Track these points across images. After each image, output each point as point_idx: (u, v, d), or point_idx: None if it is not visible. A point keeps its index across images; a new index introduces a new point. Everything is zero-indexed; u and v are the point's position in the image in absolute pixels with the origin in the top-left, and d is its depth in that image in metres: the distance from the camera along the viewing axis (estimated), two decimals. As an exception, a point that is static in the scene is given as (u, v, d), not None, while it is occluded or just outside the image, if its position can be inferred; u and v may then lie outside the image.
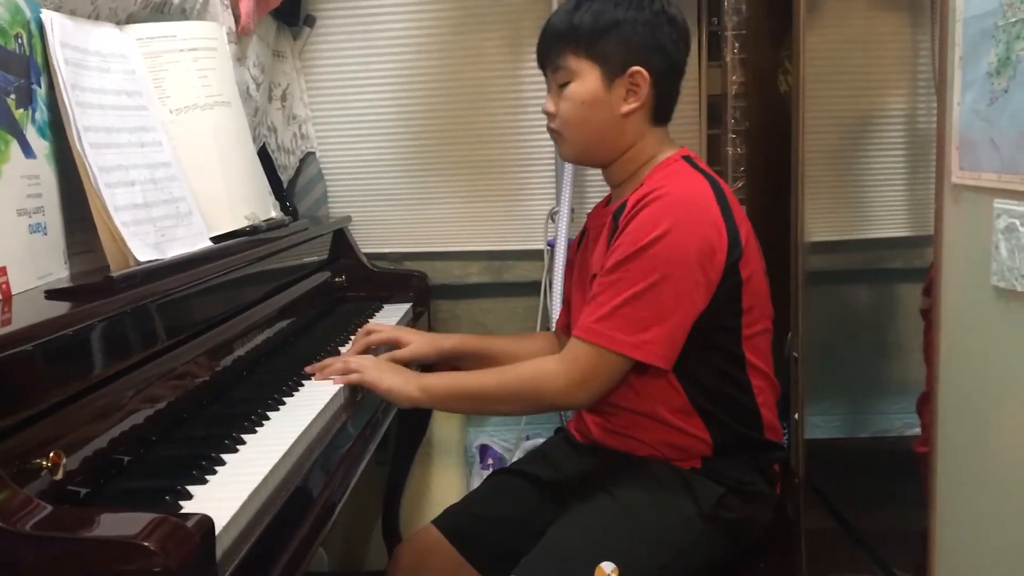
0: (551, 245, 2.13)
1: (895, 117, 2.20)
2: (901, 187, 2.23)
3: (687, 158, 1.36)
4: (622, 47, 1.32)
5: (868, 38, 2.15)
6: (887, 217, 2.24)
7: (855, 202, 2.22)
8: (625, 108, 1.33)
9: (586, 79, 1.34)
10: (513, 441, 2.30)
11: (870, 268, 2.27)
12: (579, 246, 1.50)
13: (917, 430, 2.24)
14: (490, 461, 2.28)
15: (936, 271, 1.16)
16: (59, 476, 0.86)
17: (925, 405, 1.22)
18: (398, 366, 1.43)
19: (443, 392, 1.37)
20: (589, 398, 1.31)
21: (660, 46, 1.33)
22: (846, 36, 2.15)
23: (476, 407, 1.45)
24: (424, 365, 1.60)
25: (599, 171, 2.15)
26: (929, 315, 1.21)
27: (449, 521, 1.48)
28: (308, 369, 1.39)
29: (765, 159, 2.08)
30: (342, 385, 1.35)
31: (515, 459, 1.95)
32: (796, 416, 1.81)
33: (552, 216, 2.18)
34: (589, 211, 1.54)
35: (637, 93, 1.33)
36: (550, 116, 1.39)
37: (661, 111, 1.37)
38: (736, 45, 2.08)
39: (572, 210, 2.09)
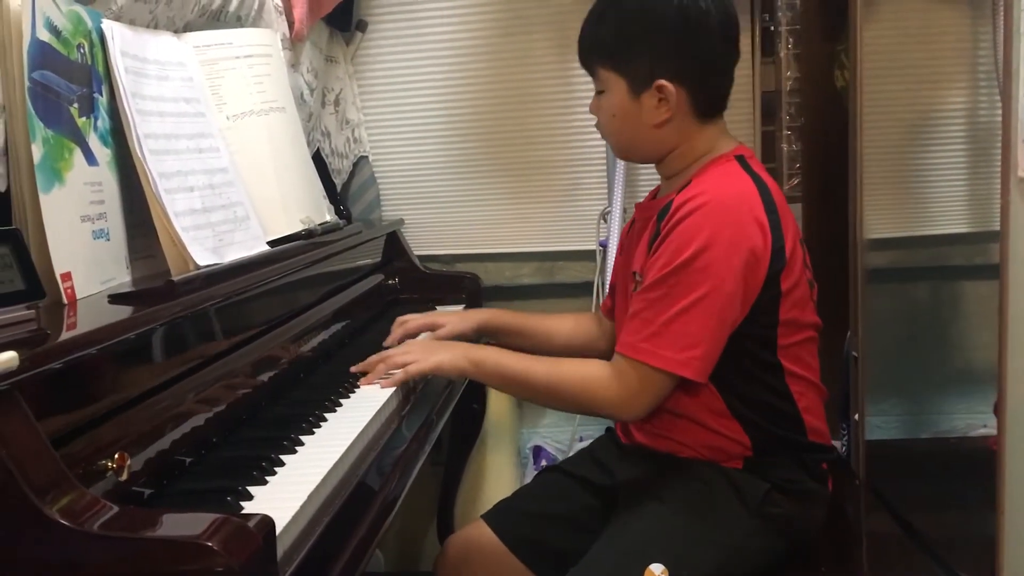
0: (603, 245, 2.12)
1: (955, 111, 2.15)
2: (962, 182, 2.18)
3: (740, 158, 1.32)
4: (645, 61, 1.27)
5: (927, 31, 2.11)
6: (948, 213, 2.19)
7: (915, 198, 2.18)
8: (656, 120, 1.29)
9: (614, 91, 1.31)
10: (566, 442, 2.30)
11: (930, 265, 2.22)
12: (628, 233, 1.48)
13: (982, 430, 2.19)
14: (543, 462, 2.28)
15: (1003, 268, 1.13)
16: (124, 477, 0.87)
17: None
18: (441, 341, 1.44)
19: (492, 368, 1.35)
20: (640, 413, 1.29)
21: (689, 53, 1.27)
22: (904, 29, 2.11)
23: (522, 392, 1.42)
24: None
25: (651, 171, 2.14)
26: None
27: (498, 516, 1.48)
28: (354, 369, 1.39)
29: (822, 155, 2.04)
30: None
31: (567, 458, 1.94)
32: (856, 417, 1.78)
33: (604, 216, 2.17)
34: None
35: (667, 104, 1.28)
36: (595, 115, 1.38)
37: (706, 107, 1.32)
38: (790, 40, 2.05)
39: (624, 210, 2.08)
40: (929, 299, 2.26)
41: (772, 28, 2.08)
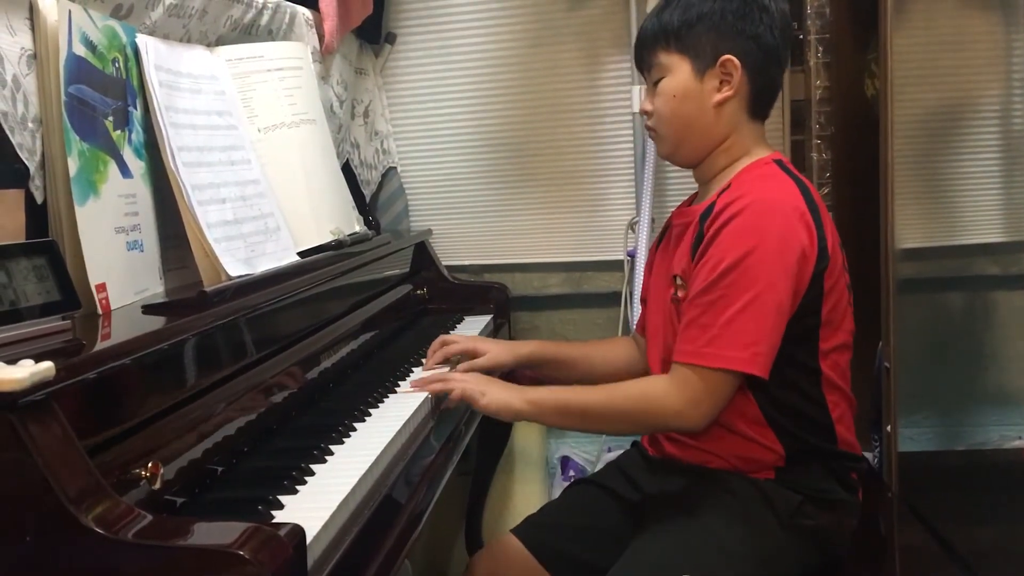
0: (631, 255, 2.12)
1: (988, 119, 2.13)
2: (995, 191, 2.16)
3: (778, 162, 1.33)
4: (711, 37, 1.30)
5: (958, 38, 2.09)
6: (981, 222, 2.17)
7: (947, 207, 2.16)
8: (718, 97, 1.31)
9: (677, 73, 1.33)
10: (595, 453, 2.29)
11: (963, 275, 2.19)
12: (659, 245, 1.48)
13: (1016, 442, 2.16)
14: (571, 473, 2.27)
15: (1038, 278, 1.11)
16: (157, 486, 0.88)
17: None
18: (497, 379, 1.42)
19: (551, 406, 1.33)
20: (706, 419, 1.26)
21: (752, 34, 1.30)
22: (935, 37, 2.09)
23: (583, 424, 1.41)
24: (503, 374, 1.60)
25: (679, 181, 2.15)
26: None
27: (528, 530, 1.47)
28: (412, 384, 1.39)
29: (852, 165, 2.03)
30: (426, 395, 1.36)
31: (596, 471, 1.94)
32: (888, 429, 1.76)
33: (632, 226, 2.16)
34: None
35: (730, 82, 1.30)
36: (647, 115, 1.38)
37: (758, 104, 1.34)
38: (820, 49, 2.04)
39: (652, 220, 2.07)
40: (962, 310, 2.23)
41: (802, 37, 2.07)
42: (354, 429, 1.20)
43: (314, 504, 0.94)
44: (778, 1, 1.33)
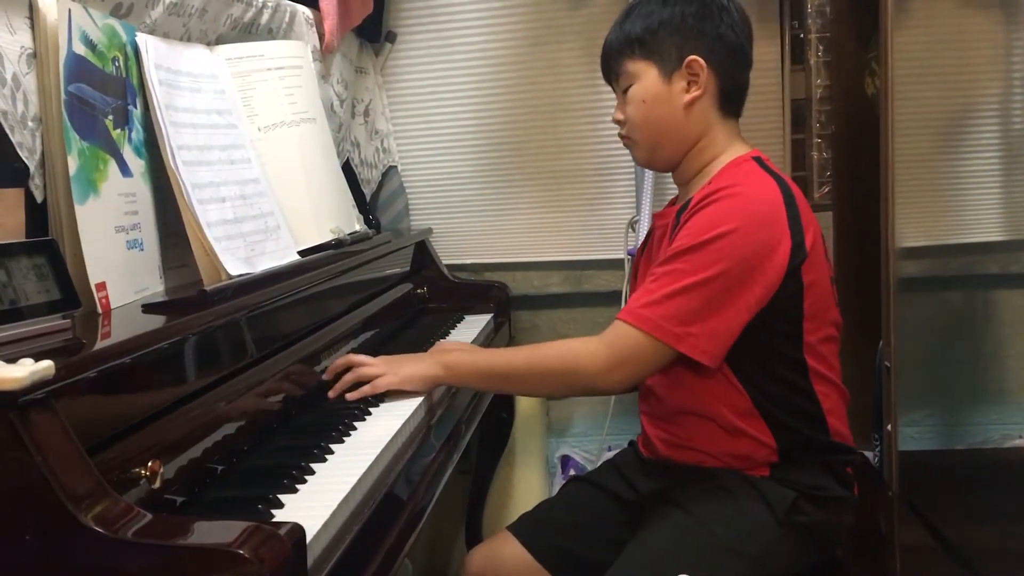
0: (631, 254, 2.12)
1: (988, 117, 2.13)
2: (996, 189, 2.16)
3: (757, 159, 1.34)
4: (675, 41, 1.32)
5: (959, 37, 2.09)
6: (981, 221, 2.17)
7: (948, 206, 2.16)
8: (687, 97, 1.33)
9: (644, 78, 1.35)
10: (595, 451, 2.29)
11: (964, 274, 2.20)
12: (643, 252, 1.48)
13: (1017, 441, 2.16)
14: (572, 471, 2.27)
15: (1038, 276, 1.11)
16: (157, 485, 0.88)
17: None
18: (411, 354, 1.43)
19: (468, 369, 1.36)
20: (624, 382, 1.29)
21: (714, 34, 1.32)
22: (936, 35, 2.09)
23: (504, 385, 1.43)
24: None
25: (679, 178, 2.15)
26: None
27: (525, 527, 1.48)
28: (326, 376, 1.36)
29: (852, 163, 2.03)
30: (427, 394, 1.36)
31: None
32: (888, 428, 1.75)
33: (632, 225, 2.16)
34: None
35: (697, 82, 1.32)
36: (620, 124, 1.41)
37: (728, 101, 1.35)
38: (820, 48, 2.04)
39: (652, 219, 2.07)
40: (963, 308, 2.24)
41: (802, 35, 2.07)
42: (354, 428, 1.20)
43: (314, 503, 0.94)
44: (736, 1, 1.36)
